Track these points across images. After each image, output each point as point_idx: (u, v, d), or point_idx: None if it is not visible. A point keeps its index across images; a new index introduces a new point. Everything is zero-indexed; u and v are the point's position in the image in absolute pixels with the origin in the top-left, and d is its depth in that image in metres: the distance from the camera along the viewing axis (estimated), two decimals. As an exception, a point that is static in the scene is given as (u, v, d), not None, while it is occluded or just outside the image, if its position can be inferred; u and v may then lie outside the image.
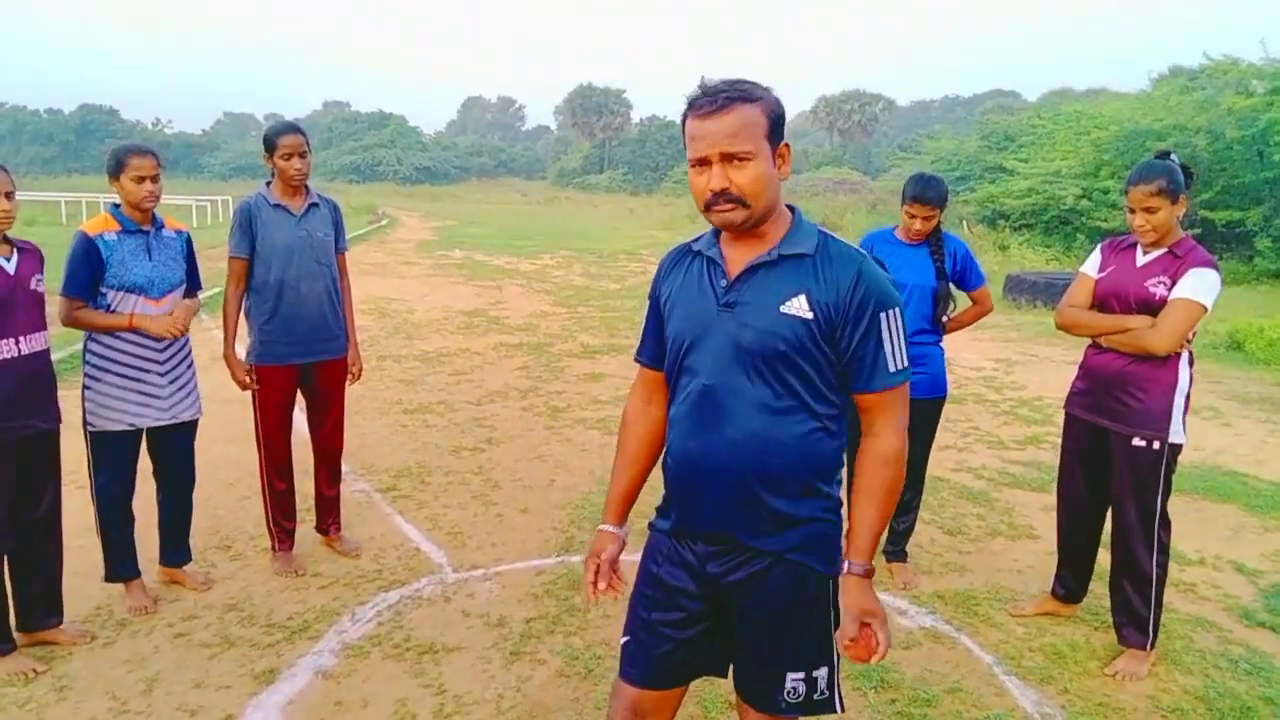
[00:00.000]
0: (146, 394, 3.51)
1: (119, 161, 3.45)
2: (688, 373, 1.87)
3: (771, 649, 1.90)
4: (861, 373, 1.81)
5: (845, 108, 71.10)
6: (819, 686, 1.91)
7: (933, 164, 28.65)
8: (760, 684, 1.93)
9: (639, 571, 2.04)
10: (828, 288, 1.78)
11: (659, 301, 1.98)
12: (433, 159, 71.54)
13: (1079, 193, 18.87)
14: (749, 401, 1.79)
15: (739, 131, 1.72)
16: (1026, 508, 4.93)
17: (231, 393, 3.99)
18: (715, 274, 1.85)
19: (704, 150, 1.74)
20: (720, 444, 1.81)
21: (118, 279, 3.42)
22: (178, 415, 3.61)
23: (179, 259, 3.62)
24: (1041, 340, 10.02)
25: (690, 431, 1.85)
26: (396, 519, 4.66)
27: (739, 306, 1.80)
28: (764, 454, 1.80)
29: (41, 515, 3.23)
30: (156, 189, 3.48)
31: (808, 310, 1.77)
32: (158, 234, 3.56)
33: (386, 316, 10.98)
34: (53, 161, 70.76)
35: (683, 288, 1.90)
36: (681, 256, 1.96)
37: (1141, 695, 3.14)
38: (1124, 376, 3.24)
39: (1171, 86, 20.25)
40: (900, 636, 3.51)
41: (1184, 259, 3.16)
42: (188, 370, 3.66)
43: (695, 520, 1.89)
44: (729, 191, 1.74)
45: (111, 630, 3.45)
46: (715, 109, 1.72)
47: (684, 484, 1.89)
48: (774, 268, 1.81)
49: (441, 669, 3.24)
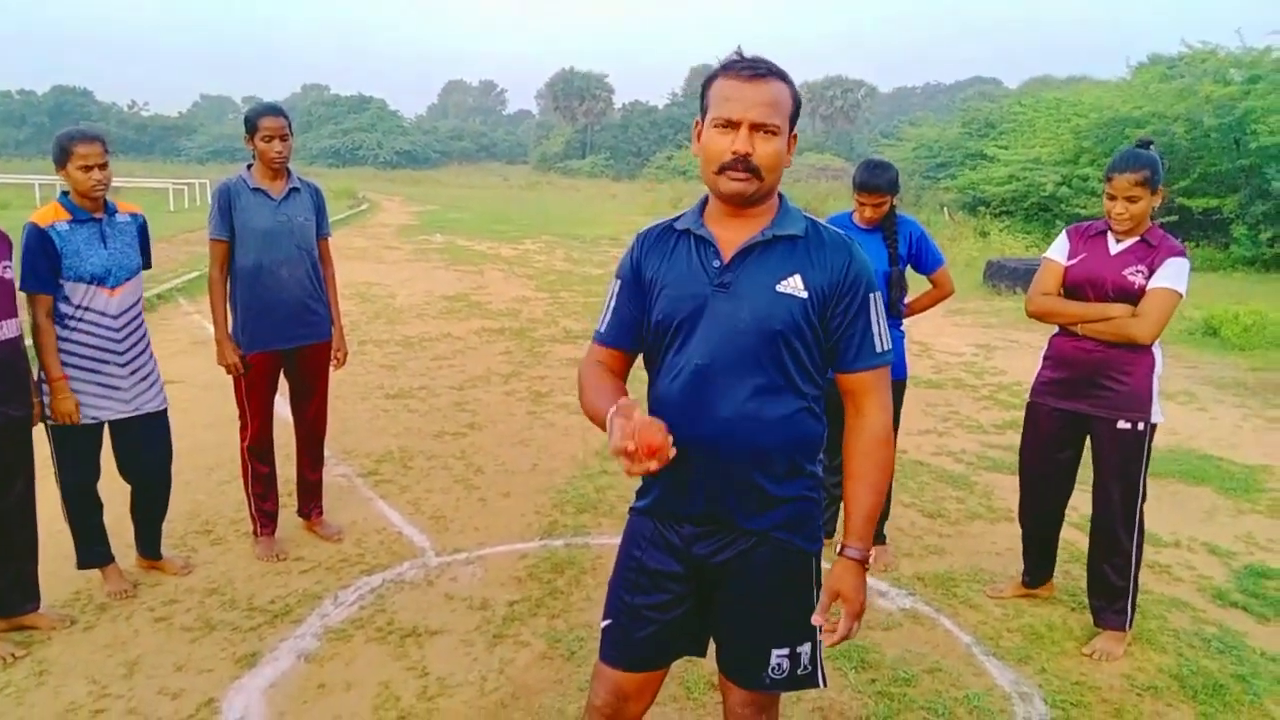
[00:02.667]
0: (106, 385, 3.43)
1: (64, 149, 3.33)
2: (678, 352, 1.85)
3: (756, 626, 1.91)
4: (849, 353, 1.83)
5: (828, 94, 71.17)
6: (802, 662, 1.94)
7: (914, 150, 28.79)
8: (744, 661, 1.95)
9: (619, 555, 2.04)
10: (822, 270, 1.80)
11: (638, 281, 1.92)
12: (413, 143, 71.05)
13: (1059, 180, 18.98)
14: (742, 381, 1.80)
15: (774, 102, 1.74)
16: (1005, 491, 4.98)
17: (211, 377, 3.96)
18: (707, 253, 1.84)
19: (738, 112, 1.72)
20: (712, 424, 1.81)
21: (73, 270, 3.31)
22: (141, 407, 3.53)
23: (134, 244, 3.53)
24: (1021, 326, 10.10)
25: (680, 410, 1.82)
26: (378, 503, 4.65)
27: (735, 286, 1.80)
28: (755, 434, 1.80)
29: (13, 502, 3.20)
30: (105, 176, 3.36)
31: (803, 290, 1.79)
32: (111, 220, 3.45)
33: (368, 301, 10.91)
34: (26, 144, 69.55)
35: (670, 267, 1.88)
36: (664, 235, 1.93)
37: (1117, 674, 3.20)
38: (1104, 362, 3.27)
39: (1151, 74, 20.35)
40: (880, 618, 3.55)
41: (1158, 248, 3.20)
42: (149, 361, 3.57)
43: (682, 501, 1.89)
44: (750, 159, 1.73)
45: (91, 614, 3.43)
46: (756, 75, 1.74)
47: (672, 464, 1.87)
48: (768, 248, 1.82)
49: (424, 652, 3.24)
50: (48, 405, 3.36)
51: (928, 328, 9.76)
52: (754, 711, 1.98)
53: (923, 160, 28.05)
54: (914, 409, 6.40)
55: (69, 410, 3.33)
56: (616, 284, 1.99)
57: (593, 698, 2.04)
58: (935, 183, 25.66)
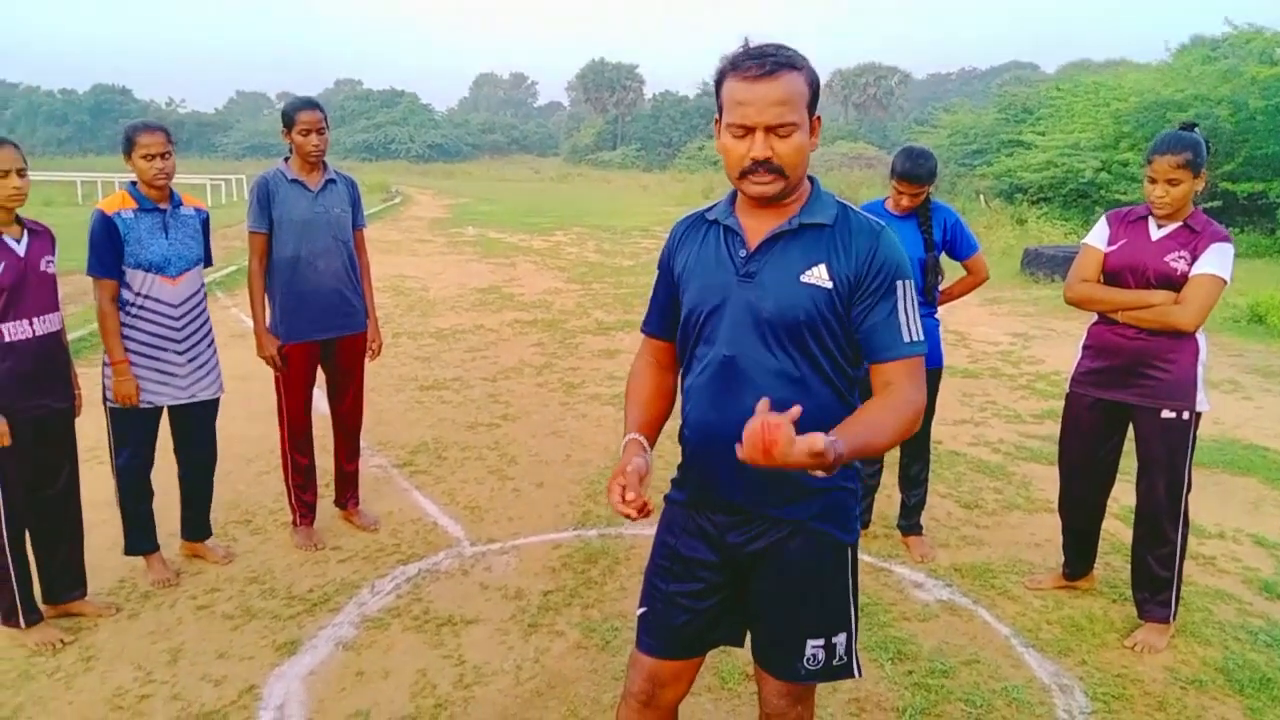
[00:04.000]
0: (165, 372, 3.53)
1: (129, 140, 3.46)
2: (706, 343, 1.85)
3: (791, 617, 1.90)
4: (878, 343, 1.79)
5: (861, 81, 70.43)
6: (837, 653, 1.92)
7: (949, 137, 28.40)
8: (780, 652, 1.94)
9: (655, 543, 2.04)
10: (847, 258, 1.77)
11: (671, 272, 1.95)
12: (445, 136, 71.40)
13: (1098, 165, 18.63)
14: (769, 371, 1.78)
15: (787, 100, 1.68)
16: (1044, 481, 4.91)
17: (250, 369, 4.02)
18: (734, 243, 1.83)
19: (752, 117, 1.68)
20: (741, 414, 1.78)
21: (135, 257, 3.44)
22: (196, 394, 3.63)
23: (197, 236, 3.63)
24: (1059, 315, 9.93)
25: (710, 401, 1.83)
26: (414, 494, 4.69)
27: (759, 276, 1.79)
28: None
29: (59, 491, 3.28)
30: (167, 165, 3.47)
31: (827, 280, 1.76)
32: (175, 211, 3.56)
33: (401, 294, 11.00)
34: (68, 142, 71.10)
35: (699, 258, 1.87)
36: (695, 225, 1.93)
37: (1160, 667, 3.14)
38: (1148, 351, 3.19)
39: (1193, 56, 19.88)
40: (917, 609, 3.52)
41: (1201, 233, 3.11)
42: (208, 349, 3.68)
43: (715, 491, 1.89)
44: (771, 161, 1.70)
45: (135, 602, 3.50)
46: (764, 73, 1.67)
47: (703, 455, 1.88)
48: (794, 237, 1.79)
49: (460, 640, 3.27)
50: (108, 388, 3.46)
51: (964, 316, 9.64)
52: (789, 702, 1.97)
53: (958, 147, 27.67)
54: (950, 398, 6.33)
55: (129, 392, 3.43)
56: (657, 274, 2.02)
57: (629, 685, 2.04)
58: (971, 170, 25.28)
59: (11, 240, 3.06)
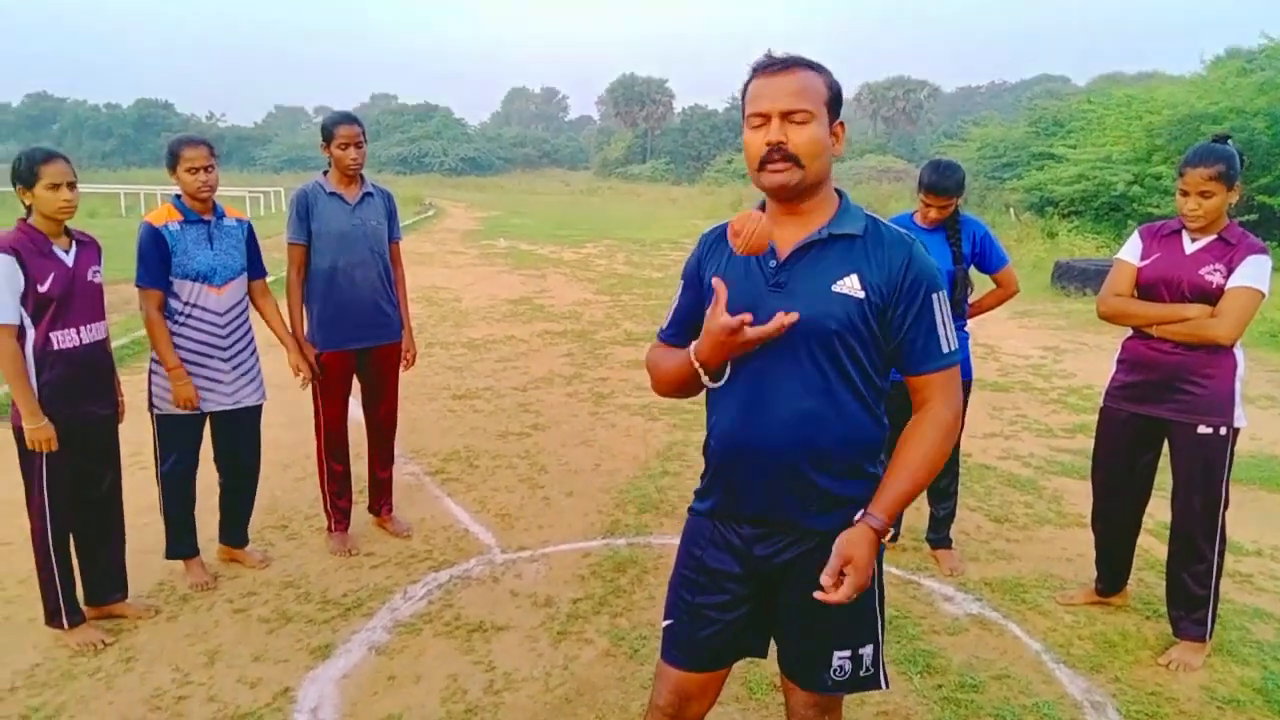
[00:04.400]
0: (210, 379, 3.62)
1: (174, 154, 3.55)
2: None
3: (817, 628, 1.90)
4: (915, 354, 1.81)
5: (890, 95, 70.20)
6: (864, 664, 1.92)
7: (979, 150, 28.20)
8: (807, 663, 1.94)
9: (679, 555, 2.04)
10: (880, 269, 1.78)
11: (699, 281, 1.94)
12: (478, 150, 72.07)
13: (1130, 179, 18.40)
14: (799, 381, 1.79)
15: (801, 90, 1.74)
16: (1075, 496, 4.86)
17: (286, 377, 4.09)
18: (763, 254, 1.84)
19: (765, 105, 1.74)
20: (770, 424, 1.81)
21: (181, 268, 3.53)
22: (240, 400, 3.71)
23: (240, 247, 3.71)
24: (1091, 328, 9.83)
25: (739, 412, 1.83)
26: (446, 501, 4.75)
27: (790, 286, 1.80)
28: (814, 434, 1.80)
29: (102, 496, 3.36)
30: (210, 179, 3.56)
31: (860, 290, 1.77)
32: (219, 223, 3.65)
33: (435, 304, 11.12)
34: (112, 155, 72.53)
35: (728, 268, 1.88)
36: (724, 236, 1.92)
37: (1195, 686, 3.10)
38: (1184, 365, 3.16)
39: (1228, 68, 19.61)
40: (946, 622, 3.50)
41: (1237, 246, 3.09)
42: (251, 357, 3.76)
43: (742, 502, 1.89)
44: (784, 147, 1.73)
45: (174, 605, 3.58)
46: (781, 69, 1.75)
47: (731, 465, 1.89)
48: (825, 247, 1.81)
49: (491, 647, 3.30)
50: (155, 395, 3.56)
51: (995, 330, 9.57)
52: (817, 713, 1.98)
53: (988, 160, 27.46)
54: (980, 412, 6.29)
55: (189, 395, 3.53)
56: (681, 284, 2.02)
57: (655, 697, 2.05)
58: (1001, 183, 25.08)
59: (61, 251, 3.15)
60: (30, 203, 3.09)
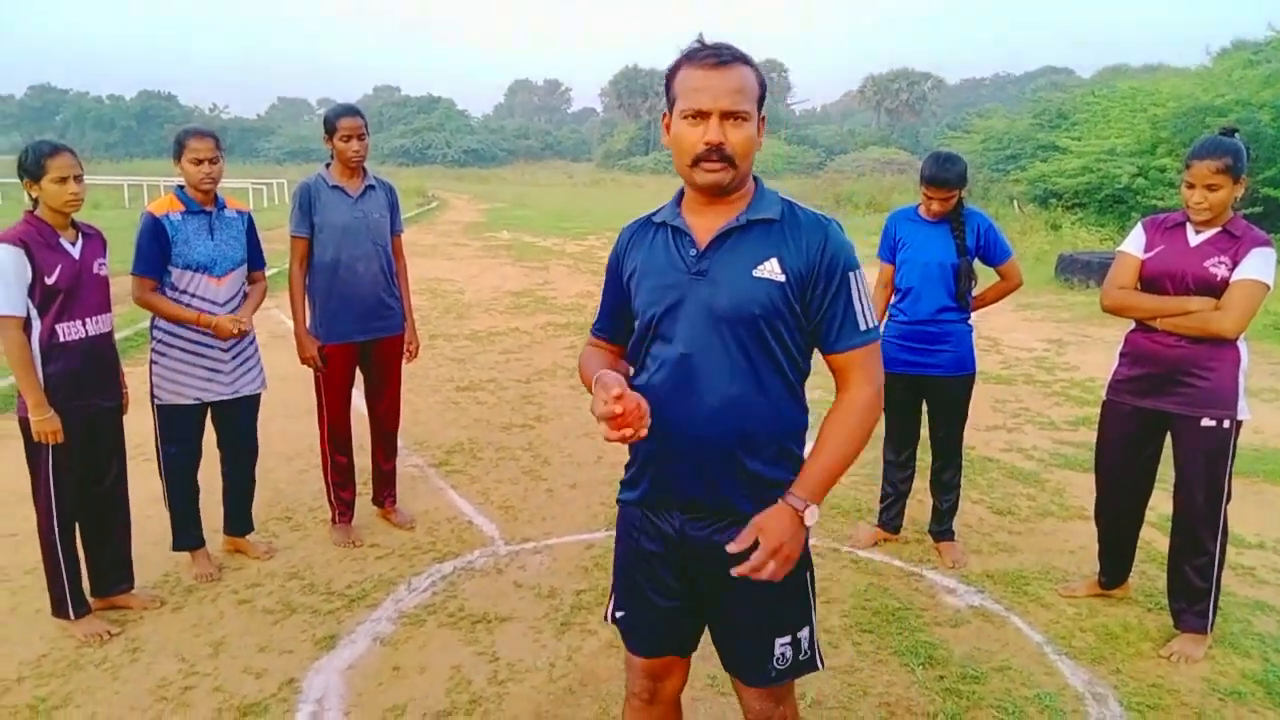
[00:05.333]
0: (210, 369, 3.63)
1: (180, 144, 3.56)
2: (660, 342, 1.86)
3: (756, 616, 1.89)
4: (833, 333, 1.82)
5: (893, 87, 69.93)
6: (802, 648, 1.93)
7: (983, 143, 28.11)
8: (750, 657, 1.93)
9: (617, 548, 2.05)
10: (798, 251, 1.79)
11: (620, 276, 1.96)
12: (480, 142, 71.98)
13: (1134, 171, 18.35)
14: (726, 367, 1.80)
15: (741, 89, 1.72)
16: (1078, 489, 4.87)
17: (289, 369, 4.11)
18: (683, 243, 1.85)
19: (706, 103, 1.72)
20: (699, 411, 1.81)
21: (182, 258, 3.54)
22: (240, 390, 3.73)
23: (240, 238, 3.72)
24: (1094, 321, 9.82)
25: (667, 399, 1.82)
26: (449, 493, 4.76)
27: (711, 273, 1.80)
28: (743, 419, 1.80)
29: (107, 487, 3.38)
30: (215, 170, 3.57)
31: (780, 273, 1.78)
32: (220, 214, 3.66)
33: (438, 297, 11.13)
34: (115, 147, 72.41)
35: (649, 259, 1.89)
36: (643, 229, 1.95)
37: (1197, 678, 3.11)
38: (1187, 358, 3.16)
39: (1234, 61, 19.53)
40: (948, 614, 3.51)
41: (1242, 238, 3.08)
42: (250, 346, 3.77)
43: (672, 489, 1.88)
44: (724, 148, 1.72)
45: (179, 596, 3.59)
46: (721, 62, 1.72)
47: (660, 454, 1.87)
48: (744, 233, 1.81)
49: (495, 638, 3.32)
50: (159, 386, 3.58)
51: (997, 322, 9.57)
52: (772, 704, 1.97)
53: (991, 152, 27.38)
54: (983, 405, 6.29)
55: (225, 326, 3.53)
56: (605, 279, 2.03)
57: (630, 686, 2.09)
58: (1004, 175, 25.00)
59: (67, 243, 3.16)
60: (37, 195, 3.10)
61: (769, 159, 45.47)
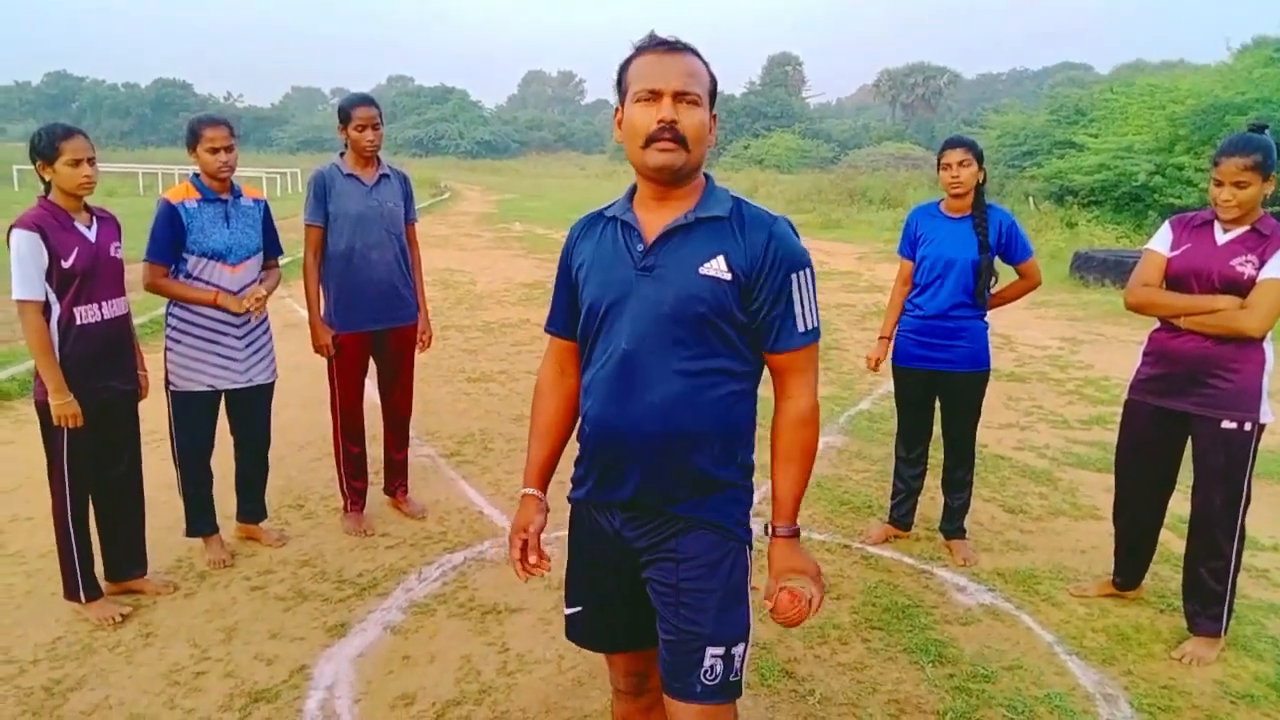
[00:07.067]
0: (224, 357, 3.65)
1: (194, 133, 3.57)
2: (606, 337, 1.84)
3: (691, 619, 1.82)
4: (771, 333, 1.81)
5: (909, 81, 69.51)
6: (735, 666, 1.84)
7: (999, 138, 27.92)
8: (677, 664, 1.84)
9: (569, 546, 2.05)
10: (744, 250, 1.78)
11: (570, 270, 1.95)
12: (494, 133, 71.92)
13: (1152, 169, 18.20)
14: (670, 365, 1.78)
15: (693, 73, 1.76)
16: (1091, 488, 4.85)
17: (301, 359, 4.12)
18: (631, 238, 1.83)
19: (658, 83, 1.73)
20: (642, 409, 1.79)
21: (198, 245, 3.55)
22: (253, 379, 3.74)
23: (256, 226, 3.74)
24: (1109, 319, 9.77)
25: (610, 397, 1.82)
26: (460, 483, 4.77)
27: (658, 269, 1.79)
28: (686, 418, 1.78)
29: (122, 472, 3.40)
30: (230, 159, 3.58)
31: (726, 271, 1.77)
32: (236, 202, 3.67)
33: (450, 288, 11.15)
34: (130, 134, 72.78)
35: (596, 254, 1.88)
36: (592, 223, 1.94)
37: (1209, 680, 3.09)
38: (1211, 359, 3.12)
39: (1255, 58, 19.31)
40: (959, 612, 3.50)
41: (1270, 237, 3.04)
42: (264, 336, 3.79)
43: (615, 487, 1.86)
44: (676, 127, 1.73)
45: (192, 582, 3.62)
46: (673, 50, 1.77)
47: (603, 451, 1.86)
48: (691, 230, 1.80)
49: (504, 628, 3.33)
50: (174, 373, 3.60)
51: (1011, 320, 9.51)
52: None
53: (1007, 148, 27.19)
54: (995, 402, 6.26)
55: (239, 304, 3.58)
56: (557, 274, 2.02)
57: (614, 682, 2.09)
58: (1020, 172, 24.85)
59: (82, 226, 3.18)
60: (50, 178, 3.11)
61: (783, 152, 45.20)
